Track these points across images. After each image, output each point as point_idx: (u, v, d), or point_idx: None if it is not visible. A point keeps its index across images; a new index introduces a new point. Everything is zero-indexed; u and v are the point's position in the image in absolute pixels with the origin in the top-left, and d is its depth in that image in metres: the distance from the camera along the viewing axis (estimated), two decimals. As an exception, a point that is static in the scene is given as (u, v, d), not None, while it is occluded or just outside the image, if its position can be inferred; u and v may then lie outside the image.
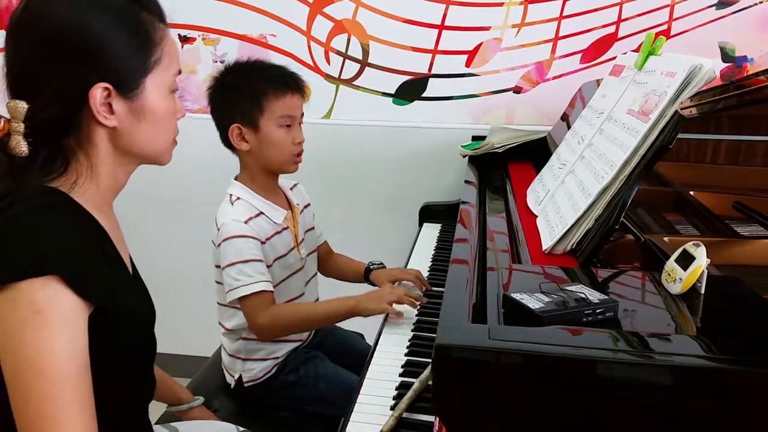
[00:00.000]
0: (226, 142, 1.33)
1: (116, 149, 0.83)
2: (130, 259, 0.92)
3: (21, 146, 0.76)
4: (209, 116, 1.35)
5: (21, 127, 0.75)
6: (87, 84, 0.77)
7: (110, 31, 0.77)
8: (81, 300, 0.72)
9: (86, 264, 0.75)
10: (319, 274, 1.54)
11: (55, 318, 0.70)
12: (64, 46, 0.76)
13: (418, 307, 1.28)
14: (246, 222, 1.28)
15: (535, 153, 1.67)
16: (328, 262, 1.58)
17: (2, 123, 0.76)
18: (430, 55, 1.97)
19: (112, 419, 0.78)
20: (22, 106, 0.75)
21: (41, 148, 0.78)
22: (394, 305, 1.24)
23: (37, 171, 0.78)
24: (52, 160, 0.79)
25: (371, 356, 1.14)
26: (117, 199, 0.89)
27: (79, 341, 0.72)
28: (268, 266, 1.31)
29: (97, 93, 0.77)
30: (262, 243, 1.30)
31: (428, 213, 1.88)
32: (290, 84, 1.31)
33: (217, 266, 1.32)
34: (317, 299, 1.51)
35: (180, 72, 0.87)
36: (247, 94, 1.28)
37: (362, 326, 1.47)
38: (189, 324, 2.18)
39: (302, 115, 1.34)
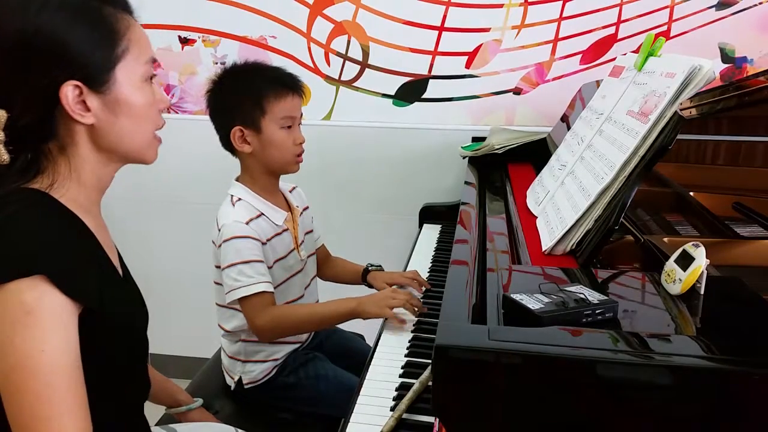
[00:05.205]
0: (227, 144, 1.33)
1: (98, 148, 0.83)
2: (120, 260, 0.92)
3: (2, 154, 0.76)
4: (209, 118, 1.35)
5: (1, 135, 0.76)
6: (56, 84, 0.77)
7: (69, 28, 0.77)
8: (68, 300, 0.72)
9: (72, 264, 0.75)
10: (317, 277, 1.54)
11: (45, 318, 0.70)
12: (25, 50, 0.76)
13: (418, 313, 1.26)
14: (247, 223, 1.28)
15: (535, 154, 1.67)
16: (326, 265, 1.58)
17: None
18: (430, 56, 1.97)
19: (106, 420, 0.78)
20: (2, 114, 0.75)
21: (21, 154, 0.78)
22: (395, 310, 1.24)
23: (15, 175, 0.78)
24: (30, 163, 0.79)
25: (371, 357, 1.14)
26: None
27: (71, 341, 0.73)
28: (269, 268, 1.30)
29: (68, 91, 0.77)
30: (263, 244, 1.30)
31: (428, 214, 1.88)
32: (290, 85, 1.31)
33: (218, 267, 1.32)
34: (317, 301, 1.51)
35: (154, 60, 0.86)
36: (248, 96, 1.28)
37: (362, 327, 1.47)
38: (189, 325, 2.18)
39: (301, 115, 1.35)
